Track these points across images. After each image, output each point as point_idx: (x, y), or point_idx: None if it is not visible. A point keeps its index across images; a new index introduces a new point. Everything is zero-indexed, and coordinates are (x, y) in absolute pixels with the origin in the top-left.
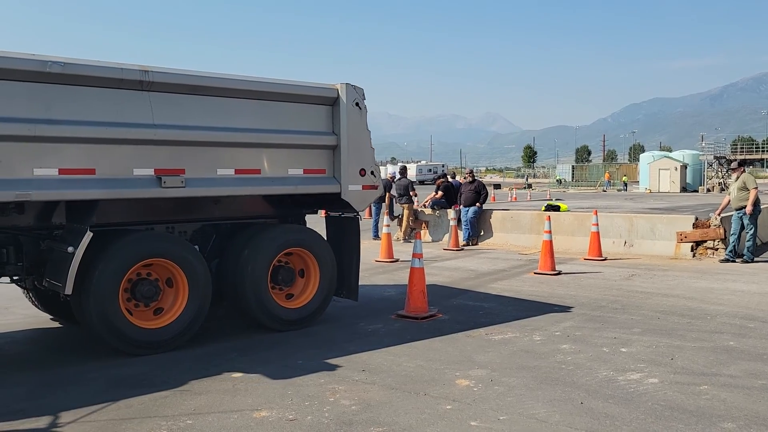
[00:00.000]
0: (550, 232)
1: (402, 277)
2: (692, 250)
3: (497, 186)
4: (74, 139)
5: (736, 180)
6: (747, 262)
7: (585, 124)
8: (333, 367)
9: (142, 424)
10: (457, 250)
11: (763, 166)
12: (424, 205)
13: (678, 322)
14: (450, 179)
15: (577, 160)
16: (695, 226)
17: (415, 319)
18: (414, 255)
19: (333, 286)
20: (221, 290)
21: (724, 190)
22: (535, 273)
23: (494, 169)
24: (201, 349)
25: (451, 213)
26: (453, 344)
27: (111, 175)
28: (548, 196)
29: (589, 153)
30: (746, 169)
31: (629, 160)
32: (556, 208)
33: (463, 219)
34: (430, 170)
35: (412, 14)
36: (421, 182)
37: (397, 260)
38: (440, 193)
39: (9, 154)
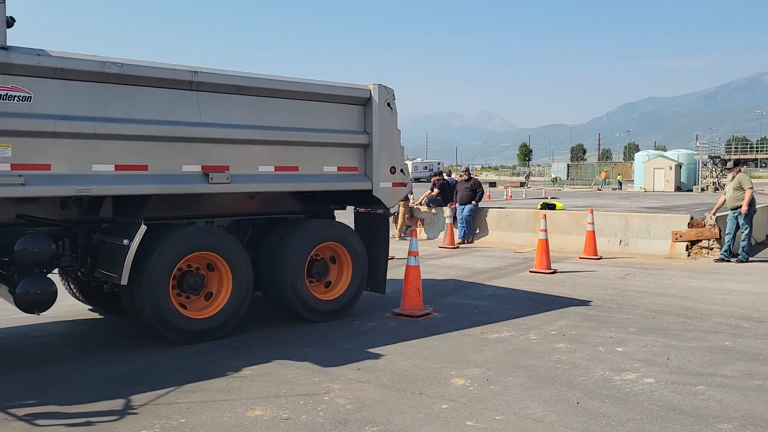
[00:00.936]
0: (545, 230)
1: (397, 274)
2: (687, 249)
3: (493, 184)
4: (129, 137)
5: (732, 180)
6: (742, 261)
7: (580, 123)
8: (328, 366)
9: (134, 422)
10: (452, 248)
11: (757, 166)
12: (420, 203)
13: (673, 321)
14: (446, 177)
15: (572, 159)
16: (690, 225)
17: (410, 318)
18: (410, 253)
19: (365, 279)
20: (257, 281)
21: (718, 189)
22: (530, 271)
23: (490, 168)
24: (195, 347)
25: (446, 211)
26: (448, 343)
27: (162, 171)
28: (544, 194)
29: (585, 152)
30: (742, 168)
31: (624, 159)
32: (552, 207)
33: (458, 217)
34: (425, 168)
35: (408, 12)
36: (417, 180)
37: (392, 258)
38: (436, 190)
39: (71, 151)
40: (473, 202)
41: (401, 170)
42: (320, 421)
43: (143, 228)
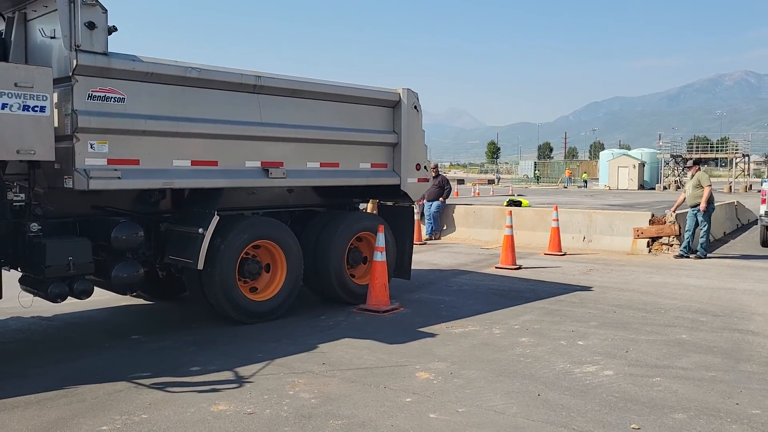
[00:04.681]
0: (511, 227)
1: None
2: (648, 245)
3: (461, 181)
4: (203, 135)
5: (692, 178)
6: (700, 258)
7: (548, 122)
8: (293, 361)
9: (95, 419)
10: (419, 244)
11: (717, 165)
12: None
13: (633, 315)
14: None
15: (539, 157)
16: (651, 222)
17: (376, 313)
18: (376, 248)
19: (392, 267)
20: None
21: (679, 187)
22: (496, 267)
23: (458, 165)
24: (159, 342)
25: (414, 207)
26: (414, 337)
27: (229, 167)
28: (511, 191)
29: (551, 150)
30: (701, 167)
31: (590, 157)
32: (518, 204)
33: (426, 213)
34: None
35: (377, 10)
36: None
37: None
38: None
39: (156, 147)
40: (441, 198)
41: (425, 167)
42: (284, 416)
43: (216, 218)
